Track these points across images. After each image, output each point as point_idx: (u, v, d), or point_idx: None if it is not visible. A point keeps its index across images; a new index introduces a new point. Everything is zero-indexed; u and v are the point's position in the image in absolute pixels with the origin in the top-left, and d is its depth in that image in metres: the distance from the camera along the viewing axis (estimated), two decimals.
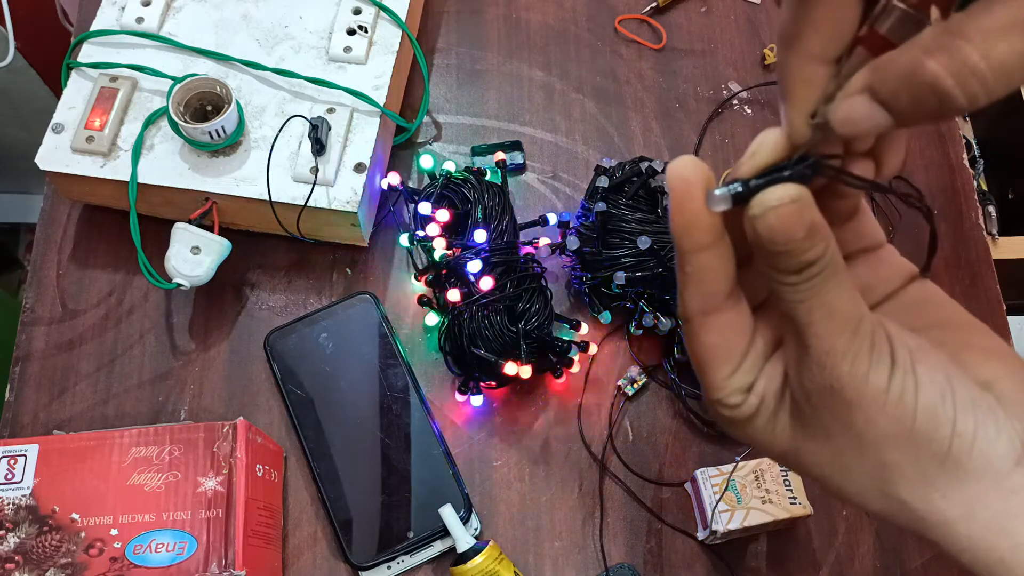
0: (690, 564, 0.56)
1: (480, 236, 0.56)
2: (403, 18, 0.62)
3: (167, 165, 0.57)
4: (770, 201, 0.24)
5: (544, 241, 0.60)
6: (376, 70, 0.61)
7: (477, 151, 0.67)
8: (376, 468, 0.56)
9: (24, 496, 0.47)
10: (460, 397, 0.58)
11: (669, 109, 0.70)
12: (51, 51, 0.87)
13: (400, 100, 0.66)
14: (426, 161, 0.62)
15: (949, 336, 0.28)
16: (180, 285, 0.55)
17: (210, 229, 0.57)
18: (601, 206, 0.57)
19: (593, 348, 0.59)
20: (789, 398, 0.28)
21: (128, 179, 0.56)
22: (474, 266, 0.55)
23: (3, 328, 0.95)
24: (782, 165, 0.25)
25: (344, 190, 0.57)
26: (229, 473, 0.48)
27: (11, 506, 0.46)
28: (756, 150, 0.26)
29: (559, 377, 0.58)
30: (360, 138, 0.58)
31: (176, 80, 0.57)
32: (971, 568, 0.26)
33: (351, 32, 0.61)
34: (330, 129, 0.57)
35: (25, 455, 0.48)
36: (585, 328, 0.59)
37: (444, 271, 0.57)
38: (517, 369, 0.54)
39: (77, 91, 0.59)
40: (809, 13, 0.24)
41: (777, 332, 0.29)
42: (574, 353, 0.58)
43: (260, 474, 0.51)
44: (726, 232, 0.26)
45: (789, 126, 0.26)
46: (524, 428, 0.59)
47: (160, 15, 0.61)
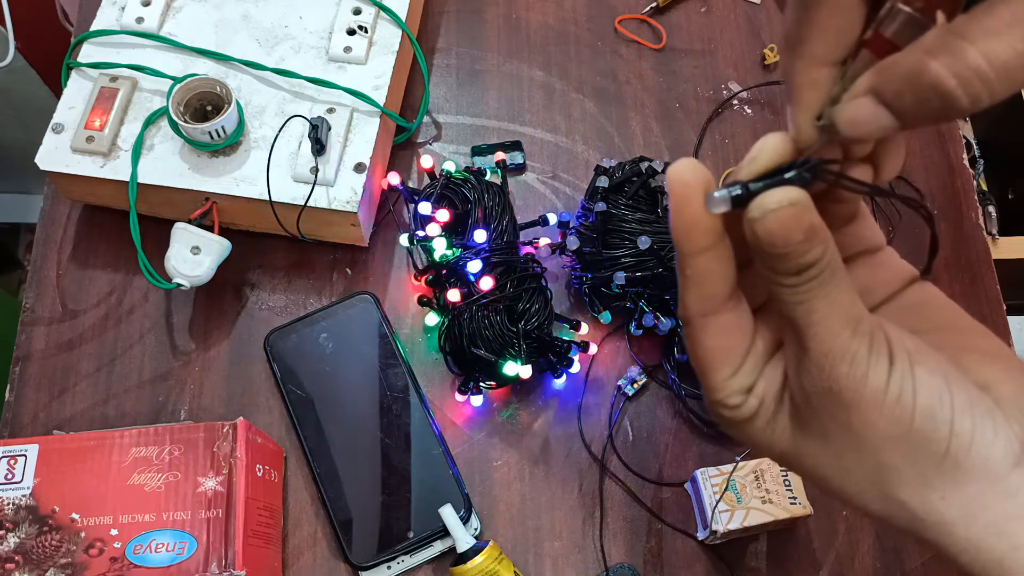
0: (690, 564, 0.56)
1: (480, 236, 0.56)
2: (403, 18, 0.62)
3: (167, 165, 0.57)
4: (769, 204, 0.24)
5: (544, 241, 0.60)
6: (376, 70, 0.61)
7: (477, 151, 0.67)
8: (376, 468, 0.56)
9: (24, 496, 0.47)
10: (460, 397, 0.58)
11: (669, 109, 0.70)
12: (51, 51, 0.87)
13: (400, 100, 0.66)
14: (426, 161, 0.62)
15: (948, 338, 0.28)
16: (180, 285, 0.55)
17: (210, 229, 0.57)
18: (601, 206, 0.57)
19: (593, 348, 0.59)
20: (789, 400, 0.28)
21: (128, 179, 0.56)
22: (474, 266, 0.55)
23: (3, 328, 0.95)
24: (782, 168, 0.25)
25: (344, 190, 0.57)
26: (229, 473, 0.48)
27: (11, 506, 0.46)
28: (756, 155, 0.26)
29: (559, 377, 0.58)
30: (360, 138, 0.58)
31: (176, 80, 0.57)
32: (970, 570, 0.26)
33: (351, 32, 0.61)
34: (330, 129, 0.57)
35: (25, 455, 0.48)
36: (585, 328, 0.59)
37: (444, 271, 0.57)
38: (517, 369, 0.55)
39: (77, 91, 0.59)
40: (814, 17, 0.24)
41: (777, 334, 0.29)
42: (574, 353, 0.58)
43: (260, 474, 0.51)
44: (726, 234, 0.26)
45: (795, 129, 0.26)
46: (524, 428, 0.59)
47: (160, 15, 0.61)
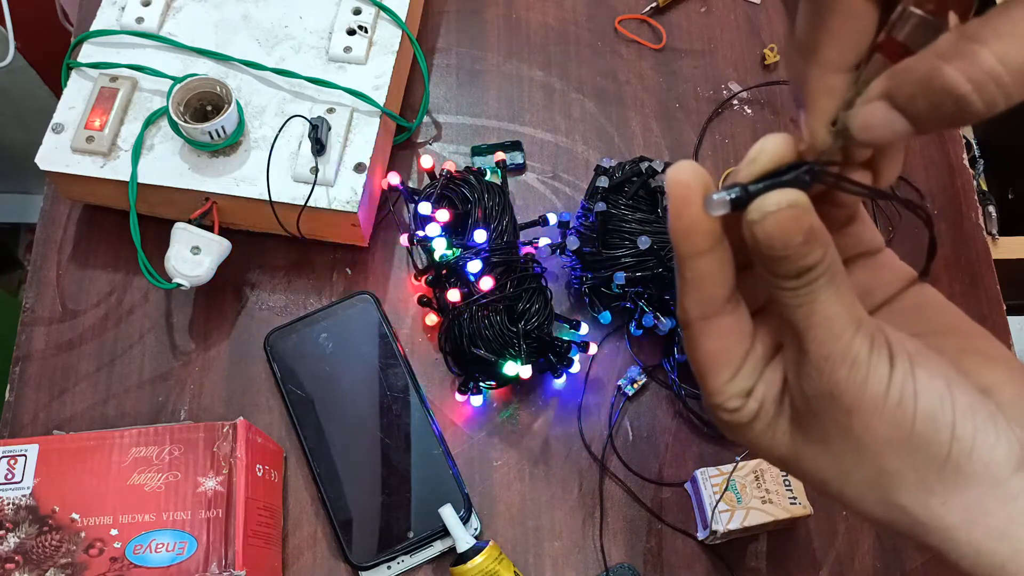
0: (690, 564, 0.56)
1: (480, 236, 0.56)
2: (403, 18, 0.62)
3: (167, 165, 0.57)
4: (768, 206, 0.24)
5: (544, 241, 0.60)
6: (376, 70, 0.61)
7: (477, 151, 0.66)
8: (376, 468, 0.56)
9: (24, 496, 0.47)
10: (460, 397, 0.58)
11: (669, 109, 0.70)
12: (51, 51, 0.87)
13: (400, 100, 0.66)
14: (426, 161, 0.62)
15: (949, 341, 0.28)
16: (180, 285, 0.55)
17: (210, 229, 0.57)
18: (601, 206, 0.56)
19: (593, 348, 0.59)
20: (788, 403, 0.28)
21: (128, 179, 0.56)
22: (474, 266, 0.55)
23: (3, 328, 0.95)
24: (781, 171, 0.25)
25: (344, 190, 0.57)
26: (229, 473, 0.48)
27: (11, 506, 0.46)
28: (755, 157, 0.26)
29: (559, 377, 0.58)
30: (360, 138, 0.58)
31: (176, 80, 0.57)
32: (972, 574, 0.26)
33: (351, 32, 0.61)
34: (330, 129, 0.57)
35: (25, 455, 0.48)
36: (585, 328, 0.59)
37: (444, 271, 0.57)
38: (517, 369, 0.55)
39: (77, 91, 0.59)
40: (827, 23, 0.24)
41: (777, 337, 0.29)
42: (574, 353, 0.58)
43: (260, 474, 0.51)
44: (725, 237, 0.26)
45: (810, 134, 0.26)
46: (524, 428, 0.59)
47: (160, 15, 0.61)
